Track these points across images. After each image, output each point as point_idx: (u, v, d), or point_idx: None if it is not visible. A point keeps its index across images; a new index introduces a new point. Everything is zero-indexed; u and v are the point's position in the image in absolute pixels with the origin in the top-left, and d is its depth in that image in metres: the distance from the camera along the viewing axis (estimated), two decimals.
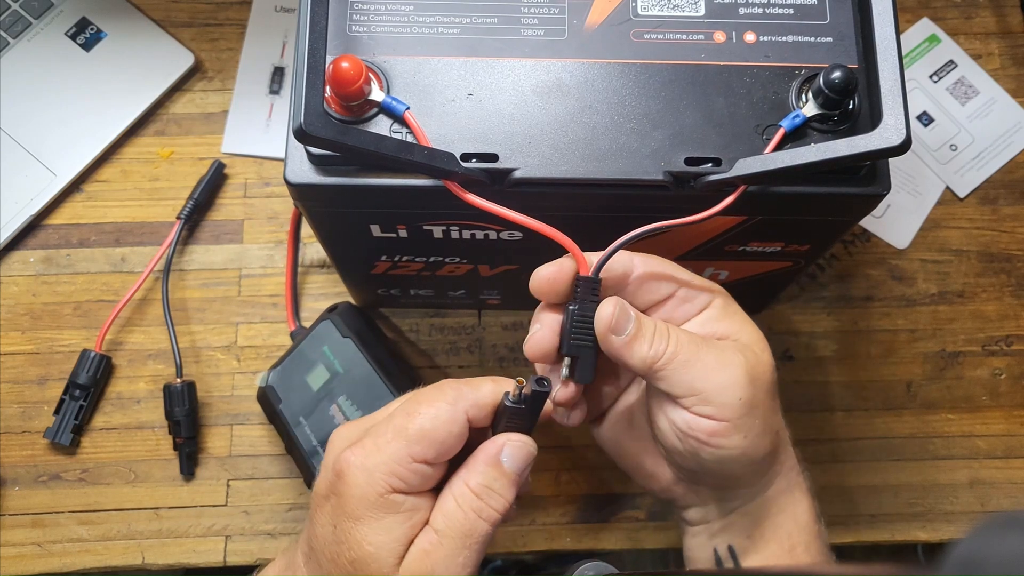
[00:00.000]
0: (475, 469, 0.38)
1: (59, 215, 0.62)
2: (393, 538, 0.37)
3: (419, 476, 0.37)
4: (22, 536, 0.57)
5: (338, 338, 0.55)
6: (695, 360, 0.37)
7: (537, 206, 0.39)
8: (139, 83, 0.64)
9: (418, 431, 0.37)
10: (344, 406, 0.53)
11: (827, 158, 0.36)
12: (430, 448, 0.37)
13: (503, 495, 0.37)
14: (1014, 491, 0.59)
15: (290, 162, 0.39)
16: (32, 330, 0.60)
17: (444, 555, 0.37)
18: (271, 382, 0.54)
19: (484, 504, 0.37)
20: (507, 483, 0.38)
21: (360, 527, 0.37)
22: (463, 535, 0.37)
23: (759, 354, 0.39)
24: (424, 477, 0.37)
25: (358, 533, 0.37)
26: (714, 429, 0.37)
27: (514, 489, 0.38)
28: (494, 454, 0.38)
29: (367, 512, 0.37)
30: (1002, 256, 0.63)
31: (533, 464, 0.39)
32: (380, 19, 0.40)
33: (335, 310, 0.56)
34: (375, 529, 0.37)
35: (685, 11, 0.40)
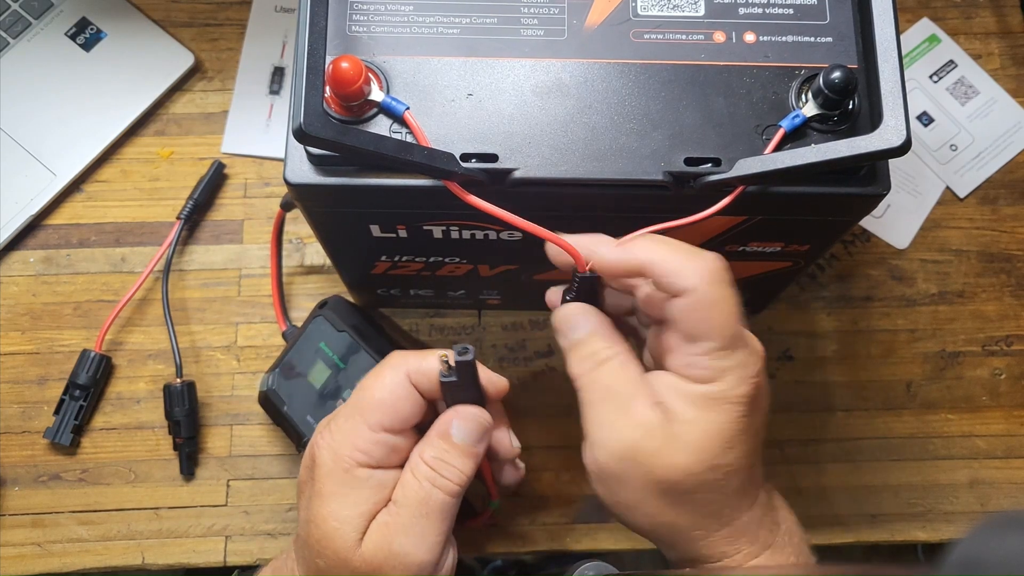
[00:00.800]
0: (428, 442, 0.39)
1: (59, 215, 0.62)
2: (358, 513, 0.38)
3: (381, 447, 0.38)
4: (22, 536, 0.57)
5: (333, 333, 0.55)
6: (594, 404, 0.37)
7: (537, 206, 0.39)
8: (139, 83, 0.64)
9: (369, 401, 0.39)
10: None
11: (827, 159, 0.36)
12: (384, 415, 0.38)
13: (456, 466, 0.39)
14: (1014, 491, 0.59)
15: (290, 162, 0.39)
16: (32, 330, 0.60)
17: (402, 524, 0.38)
18: (272, 385, 0.54)
19: (437, 474, 0.38)
20: (458, 454, 0.39)
21: (327, 503, 0.38)
22: (418, 503, 0.38)
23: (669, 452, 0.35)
24: (388, 448, 0.38)
25: (324, 509, 0.38)
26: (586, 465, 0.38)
27: (469, 460, 0.39)
28: (444, 428, 0.39)
29: (334, 488, 0.38)
30: (1002, 256, 0.63)
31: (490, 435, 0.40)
32: (380, 19, 0.40)
33: (325, 305, 0.56)
34: (341, 504, 0.38)
35: (685, 11, 0.40)
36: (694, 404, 0.35)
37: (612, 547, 0.58)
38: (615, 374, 0.37)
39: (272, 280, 0.60)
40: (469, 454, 0.39)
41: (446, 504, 0.38)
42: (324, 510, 0.38)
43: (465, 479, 0.39)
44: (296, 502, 0.56)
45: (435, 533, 0.38)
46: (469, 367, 0.39)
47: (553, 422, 0.59)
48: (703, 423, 0.35)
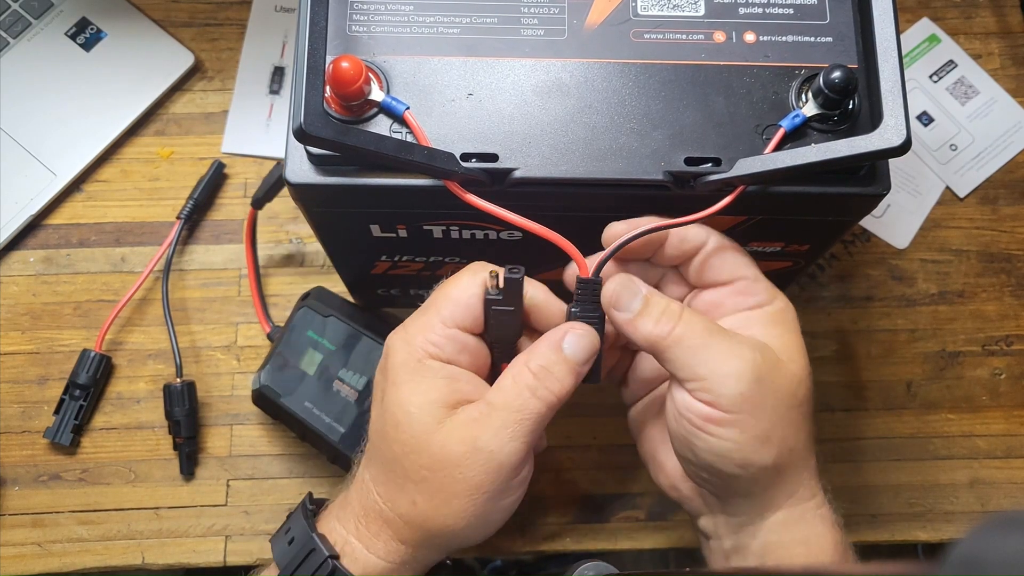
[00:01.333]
0: (536, 351, 0.39)
1: (59, 215, 0.62)
2: (432, 399, 0.38)
3: (453, 342, 0.39)
4: (22, 536, 0.57)
5: (319, 319, 0.55)
6: (703, 346, 0.37)
7: (537, 206, 0.39)
8: (139, 83, 0.64)
9: (444, 297, 0.39)
10: (347, 378, 0.54)
11: (827, 158, 0.36)
12: (457, 310, 0.39)
13: (560, 379, 0.38)
14: (1014, 491, 0.59)
15: (290, 162, 0.39)
16: (32, 330, 0.60)
17: (492, 424, 0.37)
18: (264, 381, 0.54)
19: (540, 383, 0.38)
20: (566, 368, 0.38)
21: (401, 390, 0.39)
22: (515, 410, 0.38)
23: (784, 362, 0.38)
24: (459, 345, 0.39)
25: (400, 396, 0.38)
26: (708, 415, 0.37)
27: (573, 377, 0.39)
28: (557, 339, 0.39)
29: (407, 377, 0.39)
30: (1002, 256, 0.63)
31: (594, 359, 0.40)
32: (380, 19, 0.40)
33: (308, 297, 0.56)
34: (414, 391, 0.38)
35: (685, 11, 0.40)
36: (771, 322, 0.39)
37: (612, 547, 0.58)
38: (700, 317, 0.38)
39: (251, 282, 0.60)
40: (574, 371, 0.39)
41: (541, 415, 0.38)
42: (400, 396, 0.38)
43: (565, 394, 0.39)
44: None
45: (524, 439, 0.38)
46: (517, 287, 0.39)
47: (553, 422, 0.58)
48: (787, 335, 0.39)
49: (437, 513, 0.38)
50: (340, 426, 0.53)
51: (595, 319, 0.39)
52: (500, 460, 0.37)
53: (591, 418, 0.49)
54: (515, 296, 0.39)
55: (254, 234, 0.60)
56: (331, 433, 0.53)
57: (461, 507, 0.38)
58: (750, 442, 0.37)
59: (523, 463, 0.38)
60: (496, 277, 0.39)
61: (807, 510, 0.40)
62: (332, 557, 0.39)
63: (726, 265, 0.40)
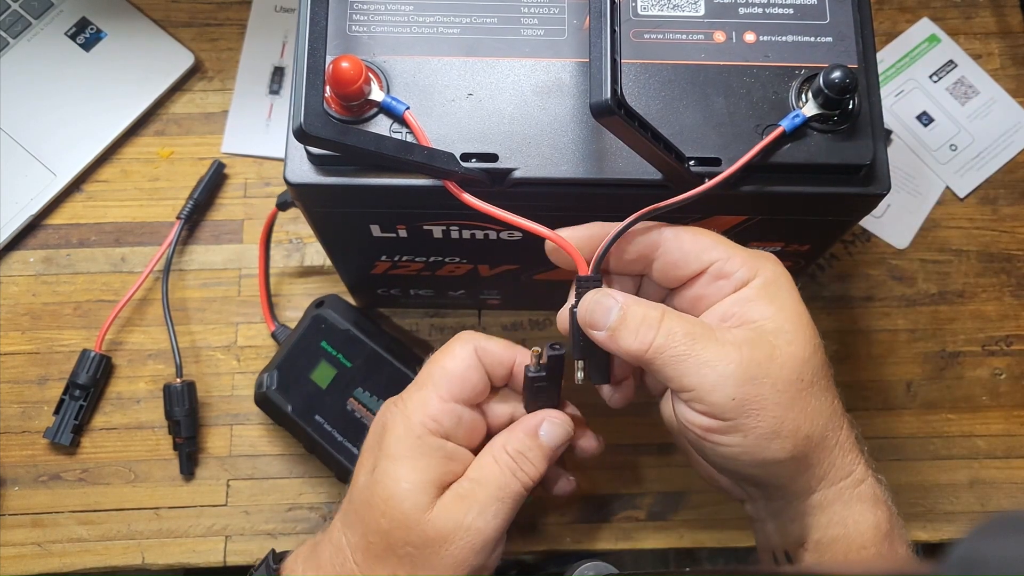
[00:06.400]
0: (514, 436, 0.40)
1: (59, 215, 0.62)
2: (428, 479, 0.39)
3: (451, 417, 0.40)
4: (22, 536, 0.57)
5: (336, 332, 0.55)
6: (686, 355, 0.35)
7: (537, 206, 0.39)
8: (139, 83, 0.64)
9: (440, 372, 0.40)
10: (364, 399, 0.53)
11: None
12: (454, 385, 0.40)
13: (535, 464, 0.40)
14: (1014, 491, 0.59)
15: (290, 162, 0.39)
16: (32, 330, 0.60)
17: (478, 501, 0.38)
18: (271, 386, 0.54)
19: (518, 466, 0.39)
20: (541, 455, 0.40)
21: (397, 466, 0.39)
22: (498, 487, 0.39)
23: (780, 346, 0.36)
24: (456, 419, 0.40)
25: (394, 471, 0.39)
26: (707, 425, 0.36)
27: (546, 463, 0.40)
28: (533, 426, 0.40)
29: (406, 452, 0.39)
30: (1002, 256, 0.63)
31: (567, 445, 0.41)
32: (380, 19, 0.40)
33: (323, 304, 0.56)
34: (411, 468, 0.39)
35: (685, 11, 0.40)
36: (761, 299, 0.37)
37: (612, 547, 0.58)
38: (682, 321, 0.36)
39: (260, 280, 0.60)
40: (549, 456, 0.40)
41: (519, 495, 0.39)
42: (395, 471, 0.39)
43: (538, 478, 0.40)
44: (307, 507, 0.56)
45: (505, 515, 0.39)
46: (558, 363, 0.40)
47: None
48: (782, 310, 0.36)
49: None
50: (354, 447, 0.53)
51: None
52: (485, 537, 0.38)
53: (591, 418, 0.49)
54: (556, 371, 0.40)
55: (270, 234, 0.60)
56: (342, 453, 0.53)
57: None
58: (758, 442, 0.36)
59: (503, 539, 0.39)
60: (539, 356, 0.40)
61: (843, 490, 0.38)
62: None
63: (689, 256, 0.37)
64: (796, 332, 0.36)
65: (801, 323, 0.37)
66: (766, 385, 0.35)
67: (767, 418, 0.35)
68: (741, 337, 0.36)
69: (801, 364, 0.36)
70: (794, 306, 0.37)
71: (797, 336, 0.36)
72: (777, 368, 0.35)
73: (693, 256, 0.38)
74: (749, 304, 0.37)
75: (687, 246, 0.38)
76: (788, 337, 0.36)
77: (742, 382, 0.35)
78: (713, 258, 0.37)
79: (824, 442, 0.37)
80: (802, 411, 0.36)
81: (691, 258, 0.38)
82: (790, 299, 0.37)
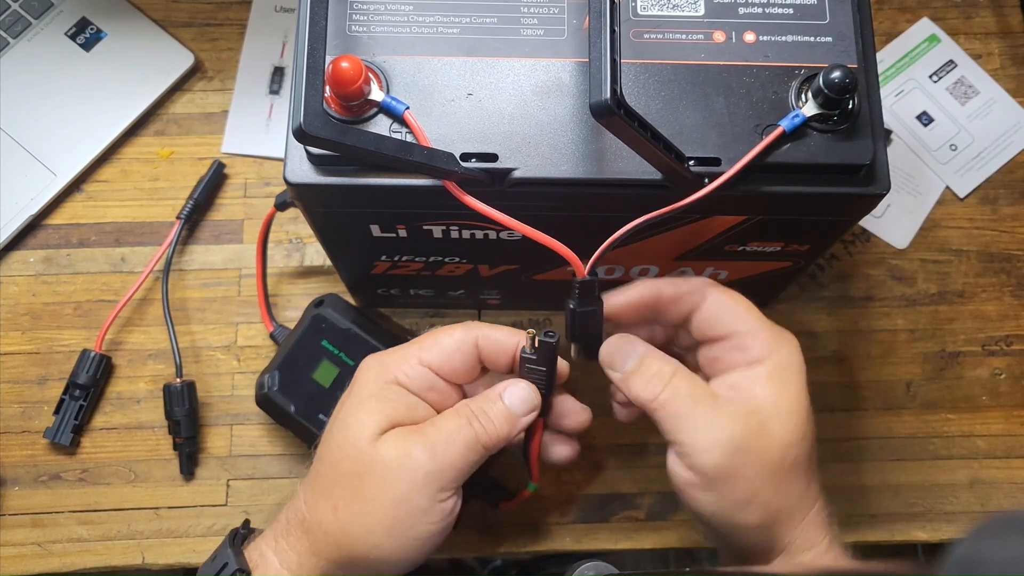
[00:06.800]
0: (477, 396, 0.41)
1: (59, 215, 0.62)
2: (384, 414, 0.39)
3: (423, 379, 0.41)
4: (22, 536, 0.57)
5: (336, 330, 0.55)
6: (686, 415, 0.39)
7: (537, 206, 0.39)
8: (139, 83, 0.64)
9: (432, 340, 0.41)
10: None
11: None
12: (437, 356, 0.41)
13: (494, 421, 0.40)
14: (1014, 491, 0.59)
15: (290, 162, 0.39)
16: (32, 330, 0.60)
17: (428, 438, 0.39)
18: (273, 387, 0.54)
19: (476, 419, 0.40)
20: (501, 414, 0.40)
21: (357, 403, 0.40)
22: (451, 431, 0.39)
23: (771, 428, 0.38)
24: (428, 383, 0.41)
25: (355, 407, 0.40)
26: (689, 480, 0.39)
27: (506, 425, 0.40)
28: (498, 390, 0.41)
29: (369, 394, 0.40)
30: (1002, 256, 0.63)
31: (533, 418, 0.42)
32: (380, 19, 0.40)
33: (322, 303, 0.56)
34: (371, 404, 0.40)
35: (685, 11, 0.40)
36: (768, 380, 0.39)
37: (612, 547, 0.58)
38: (689, 382, 0.39)
39: (257, 280, 0.60)
40: (510, 420, 0.41)
41: (475, 443, 0.39)
42: (353, 406, 0.40)
43: (497, 438, 0.40)
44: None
45: (456, 458, 0.39)
46: (550, 349, 0.41)
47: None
48: (783, 396, 0.39)
49: (356, 522, 0.38)
50: None
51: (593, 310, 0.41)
52: (427, 471, 0.38)
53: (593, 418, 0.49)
54: (548, 358, 0.41)
55: (267, 234, 0.60)
56: None
57: (381, 516, 0.38)
58: (731, 506, 0.39)
59: (450, 488, 0.39)
60: (533, 338, 0.41)
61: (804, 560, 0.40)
62: (241, 571, 0.40)
63: (720, 320, 0.40)
64: (789, 418, 0.39)
65: (797, 410, 0.39)
66: (750, 458, 0.38)
67: (743, 487, 0.38)
68: (739, 410, 0.39)
69: (786, 448, 0.39)
70: (796, 393, 0.40)
71: (789, 422, 0.39)
72: (764, 446, 0.38)
73: (723, 322, 0.40)
74: (757, 382, 0.39)
75: (728, 309, 0.40)
76: (781, 420, 0.39)
77: (728, 452, 0.38)
78: (739, 329, 0.40)
79: (791, 518, 0.40)
80: (776, 488, 0.39)
81: (721, 323, 0.40)
82: (794, 386, 0.40)
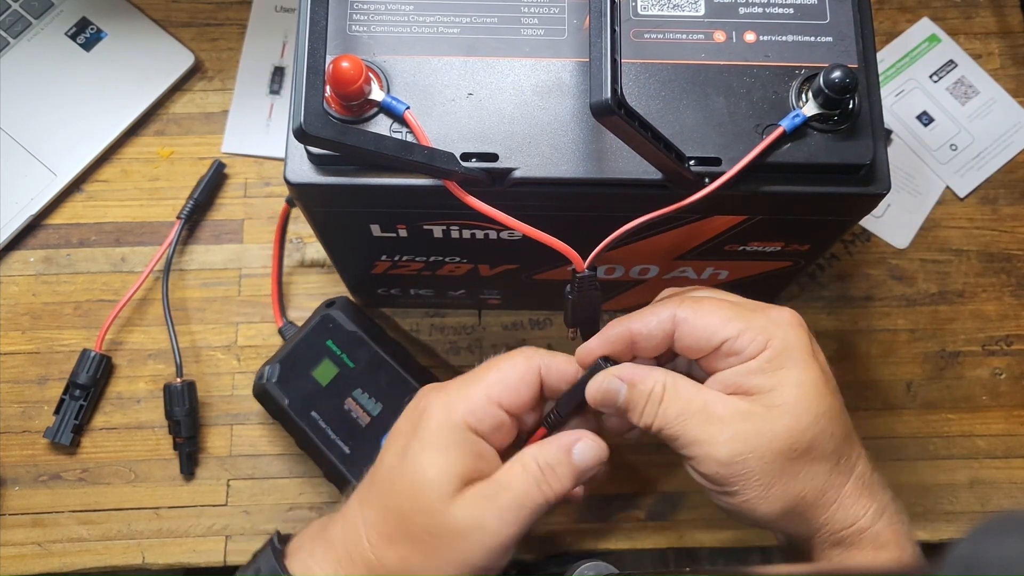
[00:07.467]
0: (546, 449, 0.40)
1: (59, 215, 0.62)
2: (457, 471, 0.39)
3: (492, 419, 0.40)
4: (22, 536, 0.57)
5: (343, 332, 0.55)
6: (679, 434, 0.38)
7: (537, 205, 0.39)
8: (139, 83, 0.64)
9: (496, 376, 0.40)
10: (363, 400, 0.53)
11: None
12: (505, 391, 0.40)
13: (562, 480, 0.40)
14: (1014, 491, 0.59)
15: (290, 162, 0.39)
16: (32, 330, 0.60)
17: (500, 504, 0.39)
18: (271, 379, 0.54)
19: (544, 479, 0.39)
20: (569, 472, 0.40)
21: (428, 452, 0.39)
22: (521, 493, 0.39)
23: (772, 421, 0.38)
24: (496, 423, 0.40)
25: (425, 457, 0.39)
26: (706, 486, 0.40)
27: (574, 481, 0.40)
28: (568, 443, 0.40)
29: (440, 441, 0.39)
30: (1002, 256, 0.63)
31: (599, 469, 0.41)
32: (380, 19, 0.40)
33: (333, 304, 0.56)
34: (444, 457, 0.39)
35: (685, 11, 0.40)
36: (764, 372, 0.38)
37: (612, 547, 0.58)
38: (678, 397, 0.39)
39: (272, 276, 0.60)
40: (577, 475, 0.40)
41: (541, 507, 0.39)
42: (425, 458, 0.39)
43: (563, 495, 0.40)
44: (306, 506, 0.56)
45: (524, 524, 0.39)
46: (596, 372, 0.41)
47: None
48: (784, 383, 0.38)
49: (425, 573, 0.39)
50: (346, 446, 0.53)
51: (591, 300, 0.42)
52: (500, 542, 0.38)
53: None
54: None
55: (284, 230, 0.60)
56: (333, 450, 0.53)
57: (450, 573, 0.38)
58: (749, 502, 0.38)
59: (514, 547, 0.39)
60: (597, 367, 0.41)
61: (845, 537, 0.39)
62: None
63: (700, 339, 0.39)
64: (794, 404, 0.38)
65: (801, 394, 0.38)
66: (752, 458, 0.38)
67: (754, 485, 0.38)
68: (734, 410, 0.38)
69: (794, 435, 0.38)
70: (798, 375, 0.38)
71: (795, 408, 0.38)
72: (766, 442, 0.38)
73: (705, 338, 0.39)
74: (751, 376, 0.38)
75: (700, 327, 0.39)
76: (784, 410, 0.38)
77: (726, 460, 0.38)
78: (724, 336, 0.39)
79: (822, 499, 0.39)
80: (793, 476, 0.38)
81: (704, 339, 0.39)
82: (795, 369, 0.38)
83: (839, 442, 0.39)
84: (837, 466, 0.39)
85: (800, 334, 0.39)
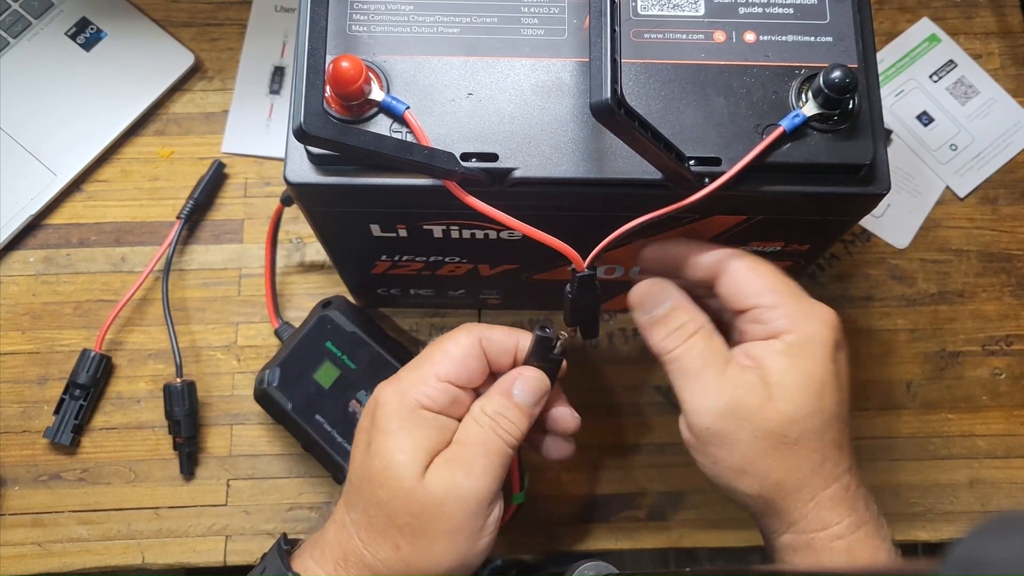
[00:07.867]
0: (489, 397, 0.42)
1: (59, 215, 0.62)
2: (421, 448, 0.40)
3: (445, 395, 0.41)
4: (22, 536, 0.57)
5: (342, 332, 0.55)
6: (693, 373, 0.39)
7: (537, 205, 0.39)
8: (139, 83, 0.64)
9: (441, 355, 0.41)
10: (365, 401, 0.53)
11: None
12: (452, 368, 0.41)
13: (515, 422, 0.41)
14: (1014, 491, 0.59)
15: (290, 162, 0.39)
16: (32, 330, 0.60)
17: (465, 462, 0.40)
18: (272, 383, 0.54)
19: (498, 425, 0.41)
20: (518, 412, 0.41)
21: (390, 438, 0.40)
22: (481, 444, 0.40)
23: (773, 402, 0.38)
24: (450, 398, 0.41)
25: (389, 443, 0.40)
26: (687, 439, 0.41)
27: (526, 419, 0.41)
28: (507, 386, 0.42)
29: (399, 425, 0.40)
30: (1002, 256, 0.63)
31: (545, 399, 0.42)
32: (380, 19, 0.40)
33: (329, 305, 0.56)
34: (405, 439, 0.40)
35: (685, 11, 0.40)
36: (782, 354, 0.39)
37: (612, 547, 0.58)
38: (707, 343, 0.40)
39: (266, 276, 0.60)
40: (526, 413, 0.41)
41: (504, 452, 0.40)
42: (389, 444, 0.40)
43: (520, 435, 0.41)
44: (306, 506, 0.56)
45: (494, 472, 0.40)
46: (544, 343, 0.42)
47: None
48: (795, 370, 0.39)
49: (420, 557, 0.39)
50: (349, 446, 0.52)
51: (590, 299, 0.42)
52: (478, 496, 0.39)
53: (591, 418, 0.49)
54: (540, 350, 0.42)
55: (277, 230, 0.60)
56: (340, 453, 0.53)
57: (443, 549, 0.39)
58: (726, 472, 0.39)
59: (495, 499, 0.40)
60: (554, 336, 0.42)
61: (815, 539, 0.39)
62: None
63: (739, 293, 0.40)
64: (797, 393, 0.38)
65: (809, 386, 0.39)
66: (744, 429, 0.38)
67: (736, 455, 0.39)
68: (745, 379, 0.39)
69: (790, 421, 0.38)
70: (811, 369, 0.39)
71: (797, 396, 0.38)
72: (761, 418, 0.38)
73: (742, 295, 0.40)
74: (771, 354, 0.39)
75: (742, 282, 0.40)
76: (787, 396, 0.38)
77: (721, 417, 0.38)
78: (759, 303, 0.40)
79: (798, 494, 0.39)
80: (777, 461, 0.39)
81: (740, 296, 0.40)
82: (812, 362, 0.39)
83: (827, 445, 0.39)
84: (821, 468, 0.39)
85: (828, 334, 0.40)
